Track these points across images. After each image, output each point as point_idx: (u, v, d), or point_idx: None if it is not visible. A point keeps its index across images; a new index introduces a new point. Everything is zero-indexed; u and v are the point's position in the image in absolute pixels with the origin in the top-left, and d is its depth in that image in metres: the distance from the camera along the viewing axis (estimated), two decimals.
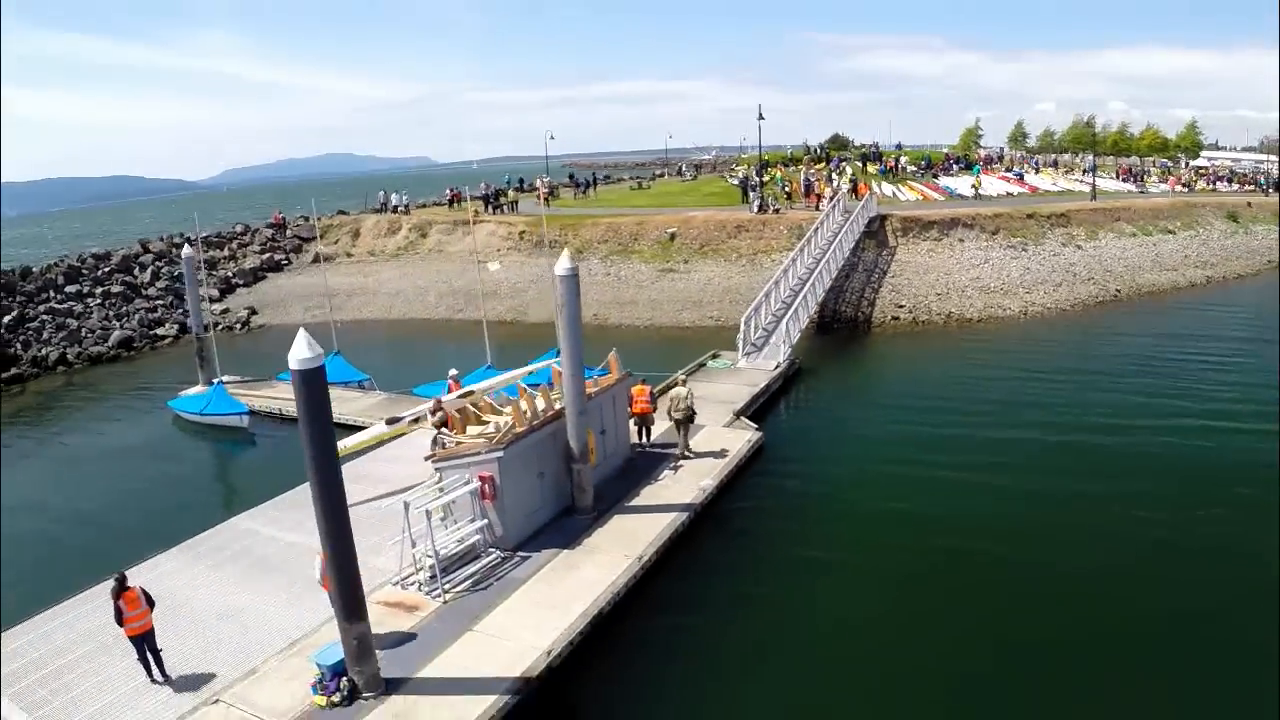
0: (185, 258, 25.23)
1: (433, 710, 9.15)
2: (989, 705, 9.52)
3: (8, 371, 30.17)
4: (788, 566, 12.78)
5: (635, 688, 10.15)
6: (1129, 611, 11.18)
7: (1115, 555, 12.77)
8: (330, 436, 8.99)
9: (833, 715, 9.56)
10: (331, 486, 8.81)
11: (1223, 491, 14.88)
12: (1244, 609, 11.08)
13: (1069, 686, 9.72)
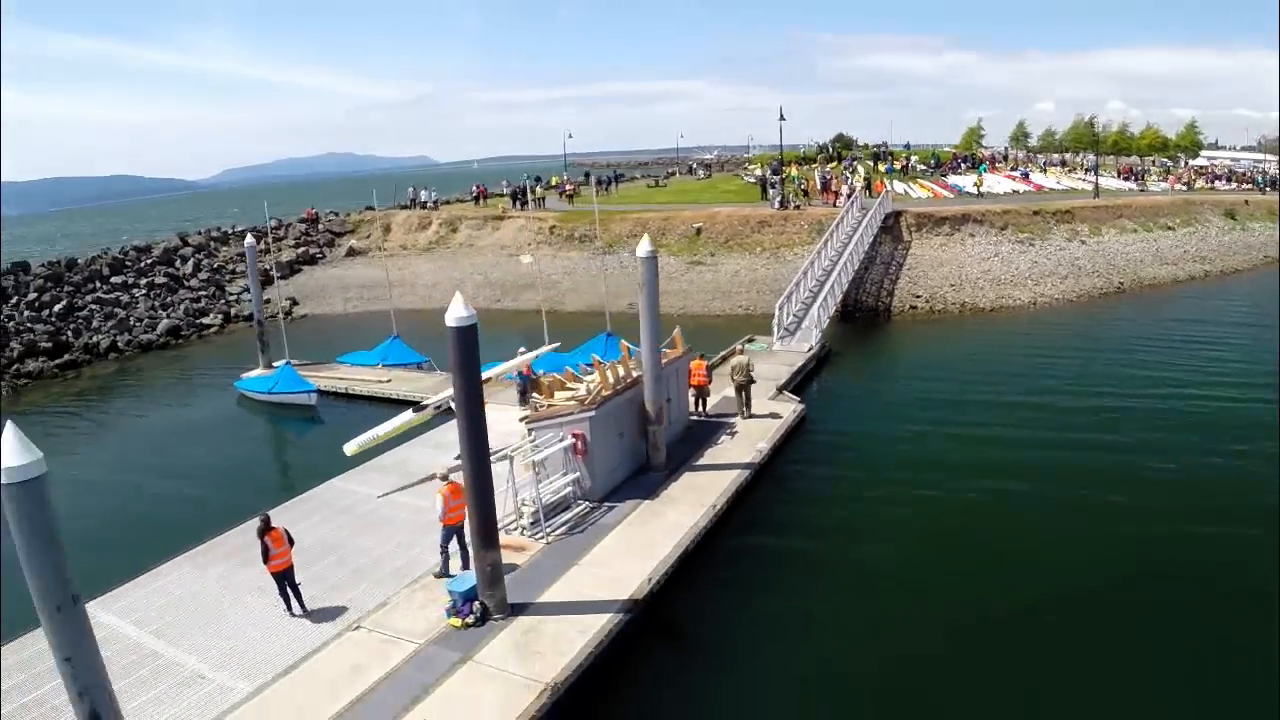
0: (248, 247, 26.68)
1: (557, 626, 10.69)
2: (1028, 617, 11.14)
3: (60, 358, 31.60)
4: (837, 512, 14.63)
5: (720, 608, 11.82)
6: (1136, 530, 13.41)
7: (1123, 487, 15.09)
8: (478, 384, 10.53)
9: (873, 625, 11.31)
10: (478, 428, 10.37)
11: (1223, 439, 17.24)
12: (1238, 529, 13.08)
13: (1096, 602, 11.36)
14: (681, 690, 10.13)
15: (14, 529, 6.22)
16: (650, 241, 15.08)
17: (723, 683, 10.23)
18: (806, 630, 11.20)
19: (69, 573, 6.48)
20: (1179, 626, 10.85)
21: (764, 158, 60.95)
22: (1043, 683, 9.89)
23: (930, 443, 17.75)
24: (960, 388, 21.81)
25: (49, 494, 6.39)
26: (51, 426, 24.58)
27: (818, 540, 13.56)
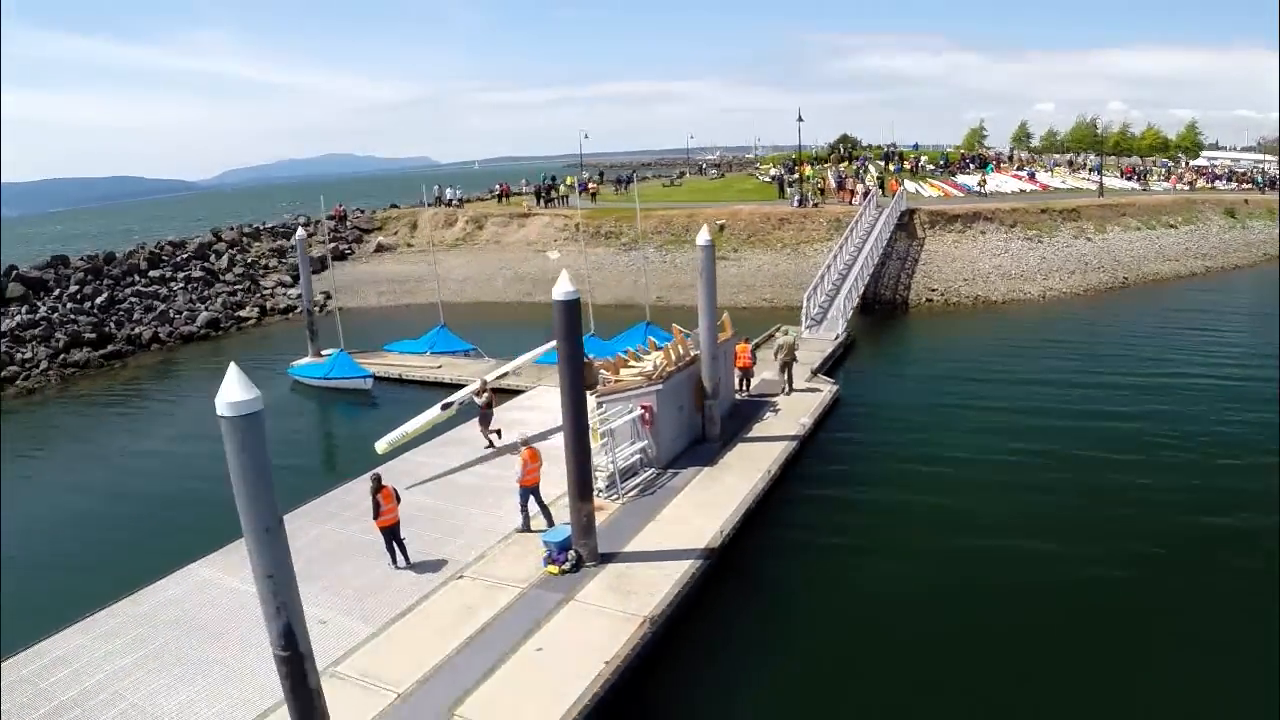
0: (298, 239, 27.95)
1: (645, 571, 11.99)
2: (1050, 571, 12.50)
3: (104, 349, 32.81)
4: (878, 471, 16.42)
5: (781, 555, 13.21)
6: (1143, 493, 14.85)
7: (1128, 446, 17.00)
8: (579, 353, 11.82)
9: (917, 557, 12.94)
10: (578, 394, 11.66)
11: (1225, 413, 18.97)
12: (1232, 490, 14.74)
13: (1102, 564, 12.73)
14: (753, 621, 11.46)
15: (232, 458, 7.27)
16: (707, 234, 16.41)
17: (786, 614, 11.60)
18: (859, 568, 12.69)
19: (274, 500, 7.60)
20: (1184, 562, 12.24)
21: (776, 158, 62.49)
22: (1060, 594, 11.47)
23: (955, 415, 19.53)
24: (978, 369, 23.55)
25: (264, 428, 7.43)
26: (123, 408, 25.95)
27: (861, 495, 15.23)
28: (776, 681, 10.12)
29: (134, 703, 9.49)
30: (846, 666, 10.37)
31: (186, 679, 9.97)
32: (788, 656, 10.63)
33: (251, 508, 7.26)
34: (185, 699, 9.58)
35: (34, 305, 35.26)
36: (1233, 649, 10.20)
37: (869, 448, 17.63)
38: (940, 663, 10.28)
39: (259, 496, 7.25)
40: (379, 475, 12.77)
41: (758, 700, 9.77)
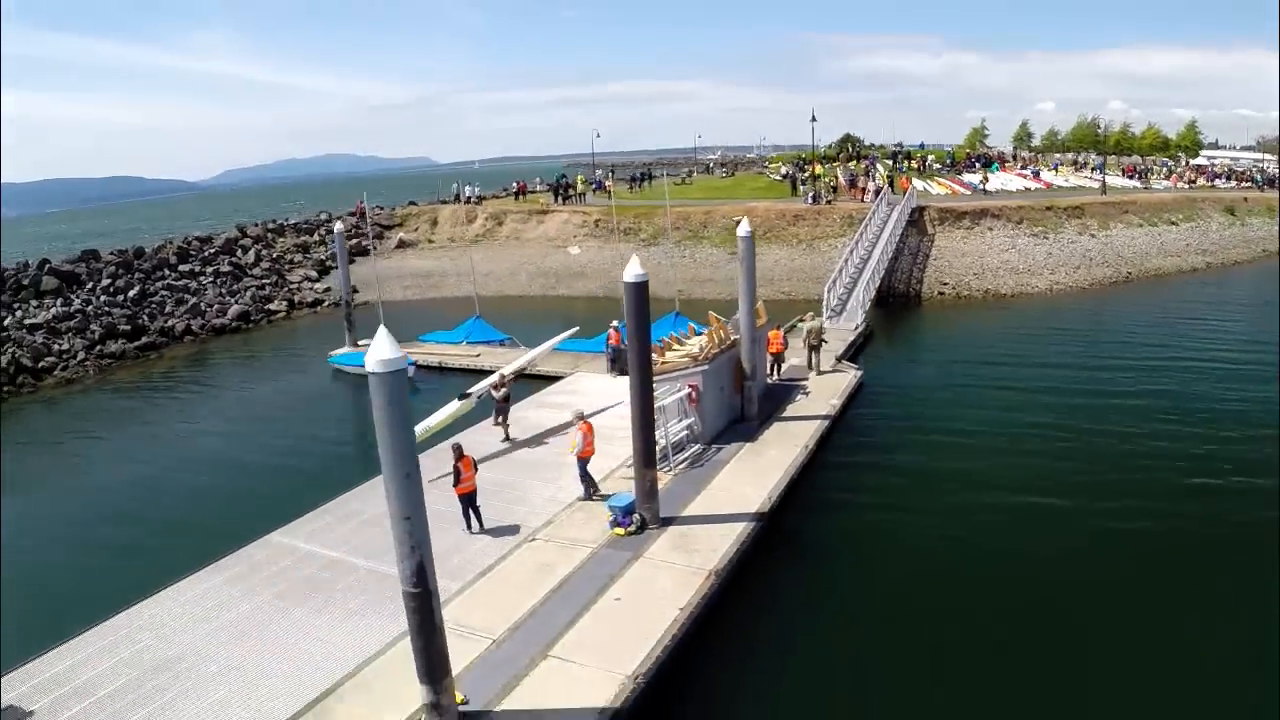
0: (337, 233, 29.03)
1: (704, 532, 13.06)
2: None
3: (138, 340, 33.80)
4: (906, 443, 17.87)
5: (823, 518, 14.42)
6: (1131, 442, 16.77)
7: (1136, 421, 18.68)
8: (647, 332, 12.88)
9: (951, 512, 14.31)
10: (645, 370, 12.72)
11: (1225, 391, 20.69)
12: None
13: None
14: (803, 575, 12.66)
15: (378, 410, 8.17)
16: (747, 226, 17.50)
17: (831, 569, 12.81)
18: (894, 526, 14.01)
19: (414, 447, 8.55)
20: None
21: (785, 156, 63.54)
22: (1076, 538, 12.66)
23: (972, 394, 21.19)
24: (992, 355, 25.04)
25: (405, 384, 8.33)
26: (169, 394, 26.97)
27: (891, 463, 16.65)
28: (825, 628, 11.23)
29: (233, 662, 10.22)
30: (885, 612, 11.48)
31: (292, 631, 10.95)
32: (834, 605, 11.77)
33: (394, 455, 8.19)
34: (293, 650, 10.55)
35: (68, 298, 36.22)
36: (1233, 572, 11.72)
37: (894, 423, 19.03)
38: (970, 604, 11.47)
39: (401, 445, 8.20)
40: (460, 445, 13.79)
41: (809, 645, 10.85)
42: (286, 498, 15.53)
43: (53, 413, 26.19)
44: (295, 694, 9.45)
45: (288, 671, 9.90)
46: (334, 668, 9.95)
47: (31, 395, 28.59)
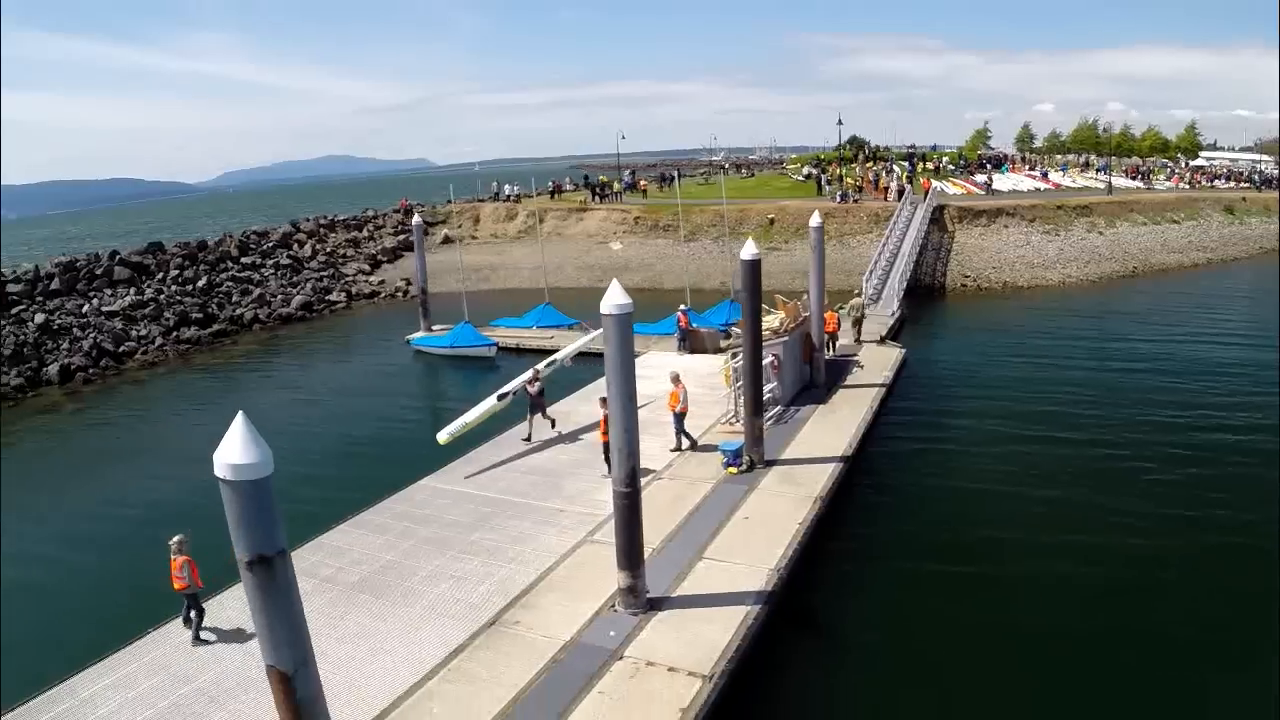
0: (415, 225, 31.51)
1: (803, 469, 15.51)
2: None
3: (210, 328, 36.17)
4: (953, 402, 21.14)
5: (893, 458, 17.22)
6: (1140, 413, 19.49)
7: (1144, 374, 22.59)
8: (759, 302, 15.35)
9: (995, 457, 17.06)
10: (756, 335, 15.21)
11: (1224, 360, 24.02)
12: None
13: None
14: (884, 502, 15.36)
15: (608, 348, 10.29)
16: (818, 217, 20.06)
17: (905, 495, 15.58)
18: (957, 464, 16.96)
19: (633, 378, 10.76)
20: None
21: (804, 158, 66.14)
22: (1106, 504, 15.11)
23: (1003, 364, 24.64)
24: (1015, 334, 28.40)
25: (631, 327, 10.65)
26: (262, 371, 29.42)
27: (945, 413, 20.30)
28: (907, 537, 13.96)
29: (445, 571, 12.44)
30: (951, 524, 14.17)
31: (474, 552, 13.35)
32: (912, 524, 14.45)
33: (620, 383, 10.53)
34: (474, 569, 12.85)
35: (140, 288, 38.59)
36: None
37: (940, 388, 22.16)
38: (1023, 528, 14.01)
39: (625, 375, 10.58)
40: (605, 399, 16.09)
41: (898, 550, 13.56)
42: (424, 451, 17.90)
43: (144, 391, 28.51)
44: (504, 591, 11.77)
45: (500, 574, 12.26)
46: (530, 572, 12.28)
47: (116, 377, 30.90)
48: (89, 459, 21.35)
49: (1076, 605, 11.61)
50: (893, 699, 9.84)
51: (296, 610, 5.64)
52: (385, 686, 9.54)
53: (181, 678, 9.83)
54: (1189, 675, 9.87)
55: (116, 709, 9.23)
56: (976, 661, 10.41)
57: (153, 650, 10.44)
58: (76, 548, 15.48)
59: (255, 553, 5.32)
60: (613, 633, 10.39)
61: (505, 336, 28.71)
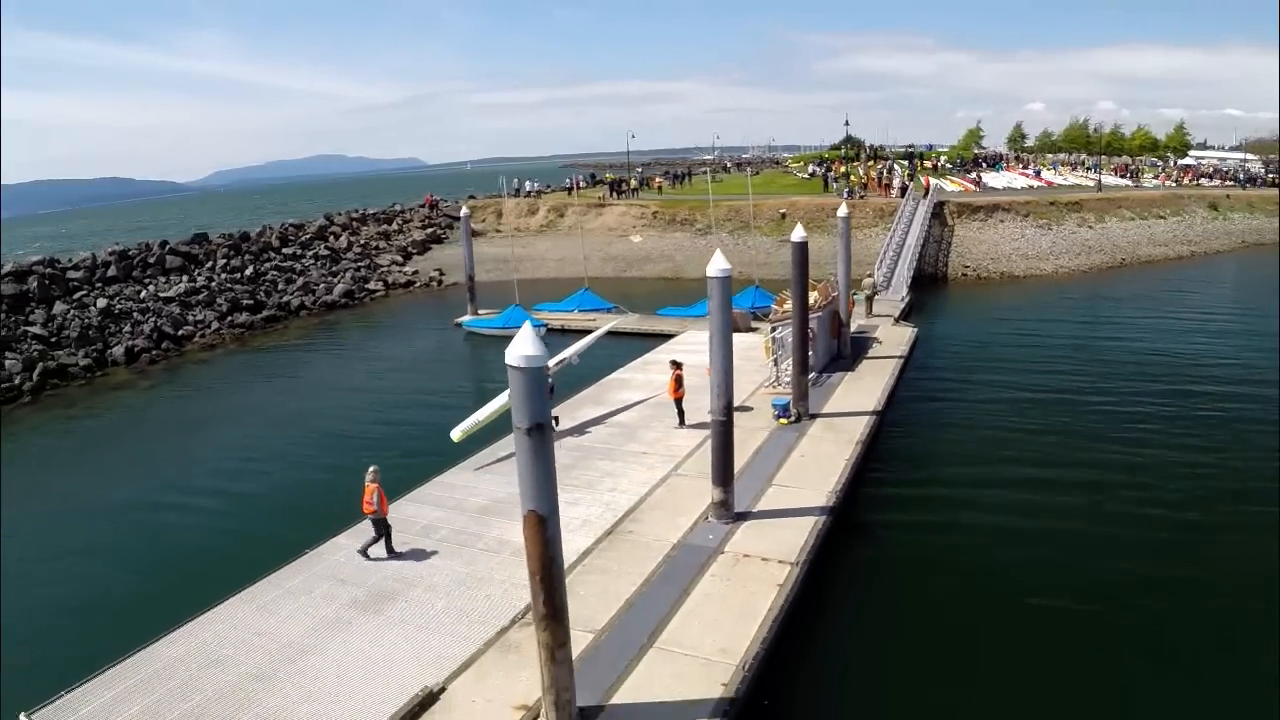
0: (463, 216, 33.94)
1: (843, 420, 18.12)
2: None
3: (260, 313, 38.44)
4: (967, 368, 24.23)
5: (915, 416, 19.94)
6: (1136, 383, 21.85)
7: (1134, 340, 26.34)
8: (806, 283, 17.92)
9: (1002, 414, 19.84)
10: (803, 308, 17.79)
11: (1199, 335, 27.59)
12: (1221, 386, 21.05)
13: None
14: (913, 442, 18.20)
15: (713, 308, 13.18)
16: (845, 209, 22.68)
17: (925, 441, 18.30)
18: (965, 415, 19.99)
19: (729, 333, 13.51)
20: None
21: (806, 156, 68.83)
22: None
23: (1006, 338, 28.06)
24: (1014, 316, 31.62)
25: (730, 290, 13.34)
26: (323, 352, 31.78)
27: (960, 379, 23.22)
28: (927, 470, 16.82)
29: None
30: (965, 466, 16.98)
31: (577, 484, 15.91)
32: (931, 459, 17.35)
33: (720, 332, 12.86)
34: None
35: (192, 275, 40.81)
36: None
37: (952, 358, 25.31)
38: (1025, 463, 16.78)
39: (726, 326, 13.06)
40: (679, 361, 18.62)
41: (925, 478, 16.27)
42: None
43: (212, 369, 30.70)
44: (613, 511, 14.31)
45: (604, 500, 14.79)
46: (630, 498, 14.81)
47: (179, 358, 33.14)
48: (189, 423, 23.72)
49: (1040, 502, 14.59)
50: (922, 583, 12.56)
51: (552, 470, 8.10)
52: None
53: (351, 583, 12.14)
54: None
55: (298, 609, 11.50)
56: (980, 548, 13.51)
57: (317, 564, 12.76)
58: (237, 479, 18.19)
59: (533, 421, 7.80)
60: (711, 536, 12.96)
61: (550, 319, 31.16)
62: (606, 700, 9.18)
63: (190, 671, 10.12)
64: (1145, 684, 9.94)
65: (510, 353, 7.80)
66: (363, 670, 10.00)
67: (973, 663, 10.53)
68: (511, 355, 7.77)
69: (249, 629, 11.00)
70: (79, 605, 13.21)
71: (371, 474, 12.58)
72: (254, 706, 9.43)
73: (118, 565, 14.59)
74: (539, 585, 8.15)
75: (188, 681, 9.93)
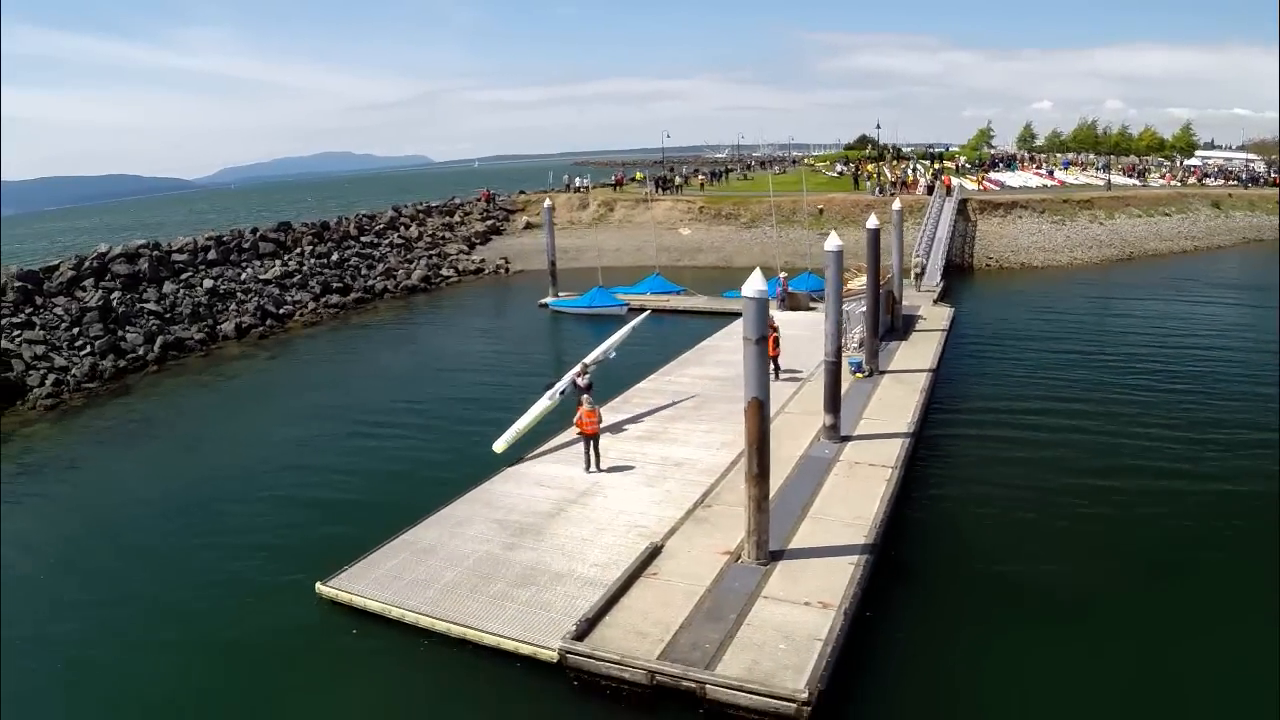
0: (546, 208, 37.97)
1: (907, 375, 22.19)
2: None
3: (349, 296, 42.38)
4: (996, 343, 27.89)
5: (965, 369, 24.22)
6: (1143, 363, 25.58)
7: (1146, 321, 29.83)
8: (878, 266, 21.97)
9: (1039, 376, 23.42)
10: (875, 288, 21.84)
11: (1201, 313, 31.80)
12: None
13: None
14: (962, 392, 22.04)
15: (830, 277, 17.26)
16: (899, 203, 26.72)
17: (970, 388, 22.39)
18: (1004, 370, 24.44)
19: (840, 289, 17.58)
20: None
21: (831, 155, 72.84)
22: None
23: (1029, 318, 32.04)
24: (1037, 299, 35.93)
25: (842, 263, 17.46)
26: (430, 325, 35.85)
27: (993, 348, 27.45)
28: (976, 408, 20.96)
29: (674, 431, 19.36)
30: (1006, 403, 21.19)
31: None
32: (979, 399, 21.53)
33: (835, 294, 17.12)
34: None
35: (285, 260, 44.77)
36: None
37: (987, 330, 29.89)
38: (1061, 406, 20.82)
39: (838, 289, 17.24)
40: (775, 325, 22.60)
41: (975, 421, 20.30)
42: (638, 358, 24.47)
43: (319, 344, 33.96)
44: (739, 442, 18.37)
45: (727, 437, 18.87)
46: None
47: (285, 334, 36.89)
48: (334, 381, 27.59)
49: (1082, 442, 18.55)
50: (985, 473, 16.58)
51: (767, 370, 12.15)
52: (711, 463, 16.44)
53: (563, 487, 16.10)
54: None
55: (521, 500, 15.56)
56: (1025, 446, 17.65)
57: (517, 474, 16.91)
58: (415, 416, 22.24)
59: (757, 335, 11.83)
60: (827, 451, 17.05)
61: (629, 300, 35.13)
62: (784, 547, 13.19)
63: (450, 546, 13.72)
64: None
65: (745, 288, 11.82)
66: (595, 535, 13.96)
67: (1034, 540, 14.54)
68: (747, 289, 11.80)
69: (488, 517, 14.74)
70: (334, 502, 17.14)
71: (587, 399, 16.59)
72: (514, 564, 13.05)
73: (350, 475, 18.57)
74: (753, 452, 12.21)
75: (452, 552, 13.50)
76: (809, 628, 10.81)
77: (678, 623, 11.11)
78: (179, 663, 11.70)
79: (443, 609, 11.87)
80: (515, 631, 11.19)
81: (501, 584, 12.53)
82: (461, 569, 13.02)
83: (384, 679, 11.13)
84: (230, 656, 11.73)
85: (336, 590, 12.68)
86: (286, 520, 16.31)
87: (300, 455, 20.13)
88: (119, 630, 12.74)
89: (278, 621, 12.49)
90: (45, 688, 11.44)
